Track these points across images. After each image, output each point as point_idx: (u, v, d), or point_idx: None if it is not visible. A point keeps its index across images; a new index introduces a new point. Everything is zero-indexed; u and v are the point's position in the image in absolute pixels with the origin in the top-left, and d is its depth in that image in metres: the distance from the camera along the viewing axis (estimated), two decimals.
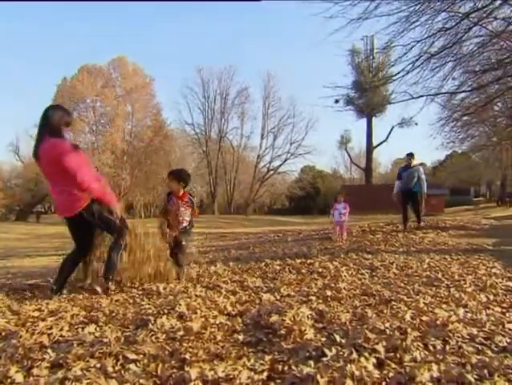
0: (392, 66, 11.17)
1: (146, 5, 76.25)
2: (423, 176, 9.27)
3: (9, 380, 1.79)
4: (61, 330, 2.51)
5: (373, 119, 38.71)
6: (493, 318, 2.43)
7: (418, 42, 9.85)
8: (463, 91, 12.60)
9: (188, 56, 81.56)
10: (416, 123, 33.07)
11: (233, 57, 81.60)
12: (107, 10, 73.22)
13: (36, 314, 2.92)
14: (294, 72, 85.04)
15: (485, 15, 9.35)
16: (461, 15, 9.31)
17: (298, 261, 5.04)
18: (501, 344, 2.03)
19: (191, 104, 49.55)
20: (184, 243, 4.39)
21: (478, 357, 1.86)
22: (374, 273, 4.16)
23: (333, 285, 3.55)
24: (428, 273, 4.06)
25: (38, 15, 73.05)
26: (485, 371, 1.70)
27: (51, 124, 3.58)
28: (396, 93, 12.31)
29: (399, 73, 10.63)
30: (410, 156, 9.52)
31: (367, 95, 32.55)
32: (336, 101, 35.61)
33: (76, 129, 41.12)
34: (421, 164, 9.74)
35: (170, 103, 70.49)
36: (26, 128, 42.08)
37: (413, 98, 11.40)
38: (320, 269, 4.38)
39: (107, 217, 3.73)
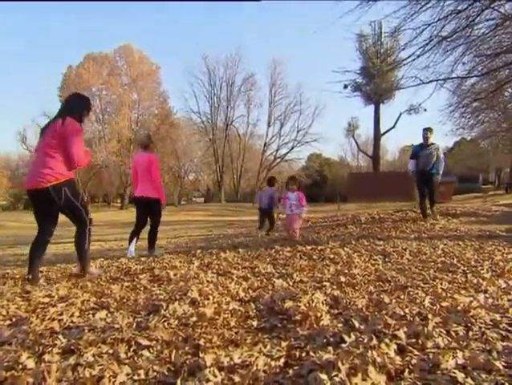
0: (403, 50, 10.93)
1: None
2: (442, 156, 8.13)
3: (20, 366, 1.75)
4: (72, 316, 2.47)
5: (381, 105, 38.26)
6: None
7: (429, 25, 9.64)
8: (474, 76, 12.39)
9: (194, 43, 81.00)
10: (425, 110, 32.57)
11: (239, 44, 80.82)
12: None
13: (46, 300, 2.88)
14: (301, 59, 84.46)
15: None
16: None
17: (309, 247, 4.97)
18: None
19: (197, 92, 49.55)
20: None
21: (504, 343, 1.79)
22: (387, 259, 4.09)
23: (346, 271, 3.49)
24: (442, 258, 3.99)
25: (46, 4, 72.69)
26: None
27: (73, 110, 3.77)
28: (405, 78, 12.09)
29: (409, 57, 10.45)
30: (427, 130, 8.20)
31: (375, 82, 32.12)
32: (345, 86, 35.12)
33: None
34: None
35: (176, 91, 70.50)
36: (33, 117, 42.26)
37: (423, 83, 11.21)
38: (332, 256, 4.32)
39: (75, 203, 3.70)
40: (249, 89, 48.45)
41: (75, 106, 3.85)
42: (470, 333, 1.94)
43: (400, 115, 37.20)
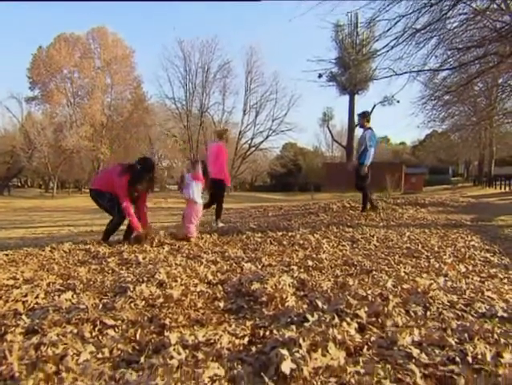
0: (377, 40, 10.97)
1: None
2: (369, 143, 7.09)
3: None
4: (36, 297, 2.45)
5: (356, 96, 38.63)
6: (472, 287, 2.45)
7: (403, 16, 9.72)
8: (446, 69, 12.58)
9: (170, 28, 79.62)
10: (398, 101, 33.17)
11: (215, 30, 79.90)
12: None
13: (11, 282, 2.84)
14: (277, 47, 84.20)
15: None
16: None
17: (280, 233, 5.03)
18: (480, 310, 2.05)
19: (172, 78, 48.85)
20: None
21: (458, 322, 1.87)
22: (355, 245, 4.17)
23: (314, 255, 3.55)
24: (408, 245, 4.10)
25: None
26: (466, 335, 1.71)
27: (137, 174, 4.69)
28: (379, 69, 12.11)
29: (383, 48, 10.49)
30: (360, 116, 7.53)
31: (350, 72, 32.33)
32: (320, 75, 35.12)
33: (53, 101, 40.02)
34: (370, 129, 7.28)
35: (151, 75, 69.30)
36: (0, 99, 40.81)
37: (397, 74, 11.29)
38: (301, 241, 4.38)
39: (103, 205, 4.86)
40: (224, 76, 47.88)
41: (141, 173, 4.68)
42: (428, 313, 2.02)
43: (375, 106, 37.64)
